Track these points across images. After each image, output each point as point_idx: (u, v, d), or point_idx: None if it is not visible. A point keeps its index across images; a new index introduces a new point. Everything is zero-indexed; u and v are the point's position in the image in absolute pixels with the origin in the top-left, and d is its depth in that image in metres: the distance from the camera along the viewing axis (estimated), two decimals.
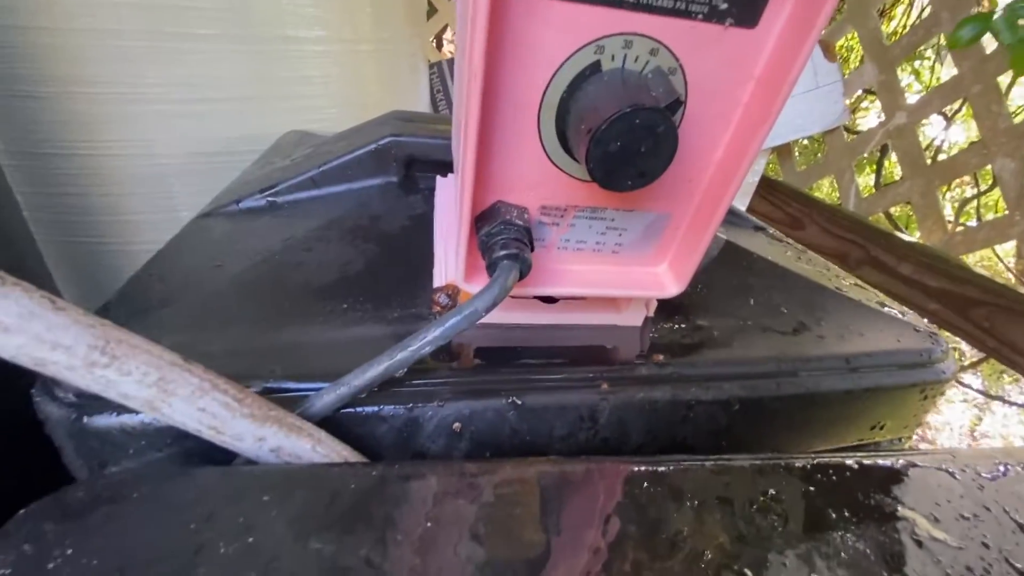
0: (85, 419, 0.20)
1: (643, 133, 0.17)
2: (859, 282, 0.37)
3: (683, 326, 0.30)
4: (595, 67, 0.19)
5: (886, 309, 0.33)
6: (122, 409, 0.20)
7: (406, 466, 0.19)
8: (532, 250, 0.23)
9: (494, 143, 0.21)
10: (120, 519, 0.15)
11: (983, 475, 0.22)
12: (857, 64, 1.16)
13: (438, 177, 0.38)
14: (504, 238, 0.21)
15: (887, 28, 1.14)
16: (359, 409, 0.22)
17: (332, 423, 0.22)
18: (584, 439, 0.25)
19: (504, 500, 0.17)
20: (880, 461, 0.22)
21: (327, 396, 0.21)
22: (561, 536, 0.16)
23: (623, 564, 0.16)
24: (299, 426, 0.19)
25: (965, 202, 1.33)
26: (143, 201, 0.62)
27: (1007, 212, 0.88)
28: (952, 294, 0.93)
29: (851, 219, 1.15)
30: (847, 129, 1.35)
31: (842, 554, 0.17)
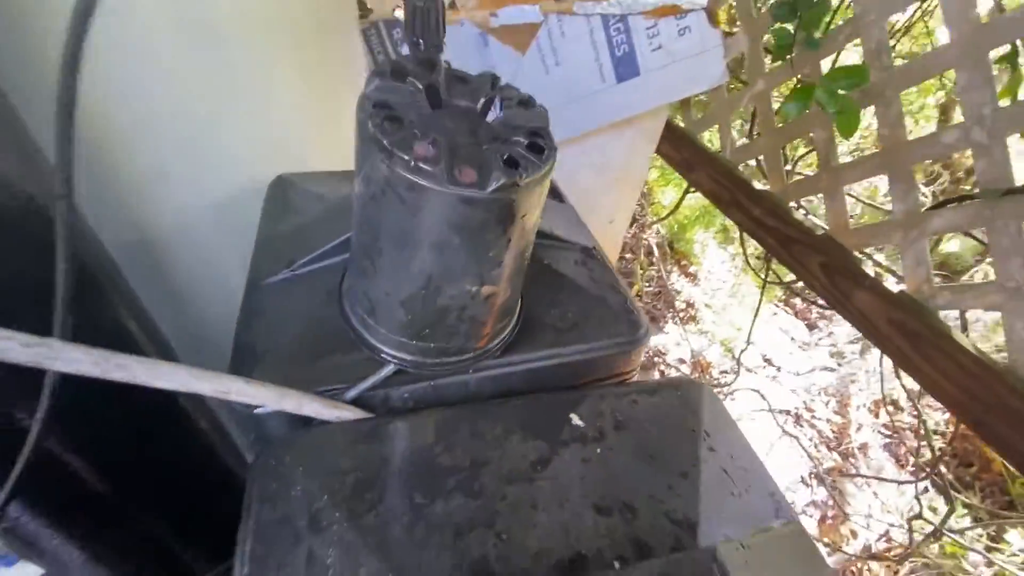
0: (256, 409, 0.51)
1: None
2: (617, 284, 0.67)
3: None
4: None
5: (622, 305, 0.64)
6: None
7: (373, 421, 0.50)
8: None
9: None
10: (303, 463, 0.46)
11: (638, 399, 0.54)
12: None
13: None
14: None
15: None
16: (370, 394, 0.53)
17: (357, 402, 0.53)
18: None
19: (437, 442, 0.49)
20: (581, 394, 0.54)
21: (350, 391, 0.51)
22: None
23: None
24: (335, 404, 0.50)
25: (799, 159, 1.63)
26: None
27: (819, 170, 1.18)
28: (781, 232, 1.25)
29: (725, 168, 1.43)
30: (736, 79, 1.58)
31: (531, 439, 0.49)
